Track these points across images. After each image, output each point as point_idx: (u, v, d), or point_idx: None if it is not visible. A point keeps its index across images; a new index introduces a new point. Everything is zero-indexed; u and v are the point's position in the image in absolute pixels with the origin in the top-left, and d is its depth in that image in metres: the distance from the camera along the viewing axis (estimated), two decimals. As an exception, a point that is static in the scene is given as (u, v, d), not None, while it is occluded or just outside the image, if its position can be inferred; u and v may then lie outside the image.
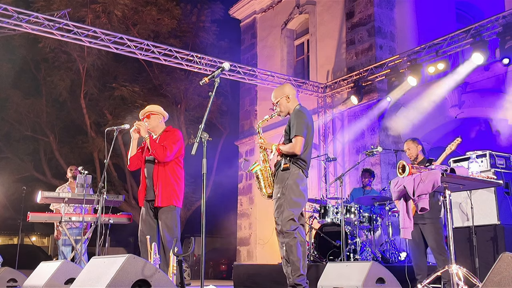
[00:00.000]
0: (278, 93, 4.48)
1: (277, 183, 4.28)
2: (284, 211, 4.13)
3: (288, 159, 4.23)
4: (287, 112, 4.46)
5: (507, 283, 3.09)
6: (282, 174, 4.23)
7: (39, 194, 6.26)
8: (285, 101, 4.43)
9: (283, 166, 4.22)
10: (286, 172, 4.21)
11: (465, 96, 9.57)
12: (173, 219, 4.78)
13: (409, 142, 5.73)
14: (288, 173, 4.20)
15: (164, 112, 5.13)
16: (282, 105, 4.44)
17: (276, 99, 4.47)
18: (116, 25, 15.01)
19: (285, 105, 4.43)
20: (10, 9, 7.97)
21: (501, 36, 7.89)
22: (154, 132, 5.02)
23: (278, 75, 11.16)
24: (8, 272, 6.23)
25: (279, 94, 4.46)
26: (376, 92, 10.48)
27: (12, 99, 16.65)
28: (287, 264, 4.14)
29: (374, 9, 10.81)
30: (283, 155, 4.27)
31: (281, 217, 4.14)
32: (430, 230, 5.29)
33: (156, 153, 4.78)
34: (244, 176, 14.34)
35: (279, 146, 4.29)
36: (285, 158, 4.24)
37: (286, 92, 4.44)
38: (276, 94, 4.49)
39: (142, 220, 4.87)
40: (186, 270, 15.08)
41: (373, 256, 7.12)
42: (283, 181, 4.20)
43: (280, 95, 4.44)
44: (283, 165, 4.22)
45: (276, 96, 4.47)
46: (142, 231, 4.81)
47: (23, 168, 17.63)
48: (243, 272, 8.14)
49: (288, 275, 4.13)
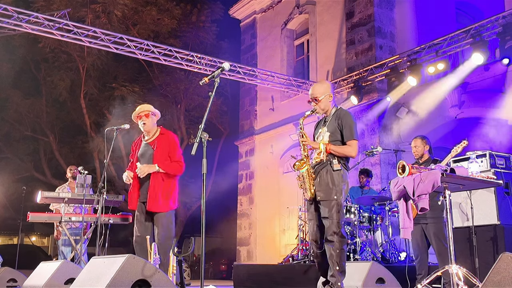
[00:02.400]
0: (322, 89, 4.32)
1: (327, 183, 4.11)
2: (339, 212, 4.04)
3: (338, 160, 4.13)
4: (326, 110, 4.33)
5: (507, 283, 3.09)
6: (335, 174, 4.10)
7: (39, 194, 6.25)
8: (327, 100, 4.30)
9: (335, 167, 4.10)
10: (338, 174, 4.11)
11: (465, 96, 9.57)
12: (168, 219, 4.78)
13: (418, 139, 5.67)
14: (341, 175, 4.11)
15: (156, 110, 5.10)
16: (323, 102, 4.29)
17: (319, 95, 4.29)
18: (116, 25, 15.02)
19: (326, 103, 4.30)
20: (10, 9, 7.97)
21: (501, 36, 7.89)
22: (149, 132, 4.99)
23: (278, 75, 11.16)
24: (8, 272, 6.24)
25: (323, 91, 4.30)
26: (376, 92, 10.48)
27: (12, 99, 16.67)
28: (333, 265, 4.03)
29: (374, 9, 10.81)
30: (330, 155, 4.14)
31: (336, 219, 4.03)
32: (432, 230, 5.30)
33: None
34: (244, 176, 14.34)
35: (331, 147, 4.14)
36: (334, 158, 4.13)
37: (329, 91, 4.32)
38: (320, 90, 4.32)
39: (137, 221, 4.86)
40: (186, 270, 15.08)
41: (373, 256, 7.12)
42: (337, 183, 4.08)
43: (324, 93, 4.29)
44: (335, 165, 4.11)
45: (320, 93, 4.30)
46: (138, 232, 4.81)
47: (23, 168, 17.63)
48: (243, 272, 8.13)
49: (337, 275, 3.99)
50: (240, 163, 14.55)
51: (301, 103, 12.18)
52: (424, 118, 10.15)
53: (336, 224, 4.02)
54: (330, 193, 4.08)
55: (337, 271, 3.98)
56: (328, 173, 4.12)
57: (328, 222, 4.06)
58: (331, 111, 4.33)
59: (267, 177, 13.41)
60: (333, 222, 4.03)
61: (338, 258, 3.99)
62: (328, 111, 4.34)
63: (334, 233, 4.01)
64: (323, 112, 4.35)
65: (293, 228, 11.93)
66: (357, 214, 7.38)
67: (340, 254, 4.00)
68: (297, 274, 6.78)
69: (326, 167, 4.15)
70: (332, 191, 4.08)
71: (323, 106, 4.31)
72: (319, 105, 4.30)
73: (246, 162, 14.26)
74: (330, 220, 4.04)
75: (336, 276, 3.99)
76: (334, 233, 4.01)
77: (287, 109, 12.86)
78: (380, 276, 4.82)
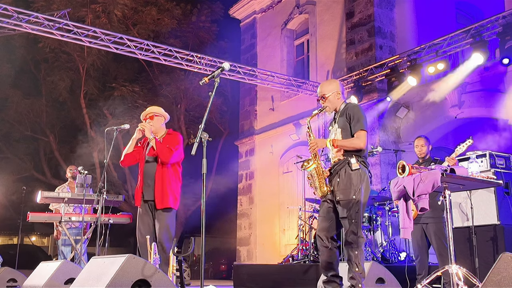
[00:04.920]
0: (329, 87, 4.27)
1: (345, 183, 4.01)
2: (358, 212, 3.96)
3: (356, 159, 4.03)
4: (333, 108, 4.28)
5: (507, 283, 3.09)
6: (353, 174, 4.00)
7: (39, 194, 6.26)
8: (335, 97, 4.23)
9: (353, 167, 4.00)
10: (356, 173, 4.01)
11: (465, 96, 9.57)
12: (169, 220, 4.79)
13: (421, 139, 5.65)
14: (359, 175, 4.01)
15: (165, 113, 5.16)
16: (331, 101, 4.23)
17: (326, 93, 4.24)
18: (116, 25, 15.03)
19: (334, 101, 4.23)
20: (10, 9, 7.97)
21: (501, 36, 7.88)
22: (156, 133, 5.03)
23: (278, 75, 11.16)
24: (8, 272, 6.24)
25: (330, 89, 4.25)
26: (376, 92, 10.48)
27: (12, 99, 16.67)
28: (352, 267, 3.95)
29: (374, 9, 10.81)
30: (347, 153, 4.06)
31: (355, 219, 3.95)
32: (433, 230, 5.30)
33: (162, 154, 4.81)
34: (244, 176, 14.35)
35: (337, 142, 4.08)
36: (352, 157, 4.03)
37: (337, 89, 4.25)
38: (327, 88, 4.27)
39: (140, 221, 4.86)
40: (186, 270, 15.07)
41: (373, 256, 7.12)
42: (355, 183, 3.99)
43: (331, 90, 4.24)
44: (353, 165, 4.01)
45: (327, 91, 4.25)
46: (141, 232, 4.81)
47: (23, 168, 17.63)
48: (243, 272, 8.13)
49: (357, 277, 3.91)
50: (240, 163, 14.55)
51: (301, 103, 12.21)
52: (424, 118, 10.15)
53: (355, 224, 3.94)
54: (348, 193, 3.98)
55: (357, 272, 3.90)
56: (346, 173, 4.04)
57: (347, 222, 3.98)
58: (340, 108, 4.27)
59: (267, 177, 13.41)
60: (352, 223, 3.94)
61: (358, 259, 3.91)
62: (337, 108, 4.28)
63: (353, 233, 3.94)
64: (332, 110, 4.30)
65: (293, 228, 11.94)
66: (357, 214, 7.37)
67: (359, 255, 3.92)
68: (297, 274, 6.77)
69: (344, 167, 4.06)
70: (350, 191, 3.98)
71: (331, 105, 4.26)
72: (327, 103, 4.25)
73: (246, 162, 14.27)
74: (349, 221, 3.96)
75: (356, 278, 3.90)
76: (353, 233, 3.94)
77: (287, 109, 12.87)
78: (380, 276, 4.83)
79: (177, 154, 4.90)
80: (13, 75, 16.40)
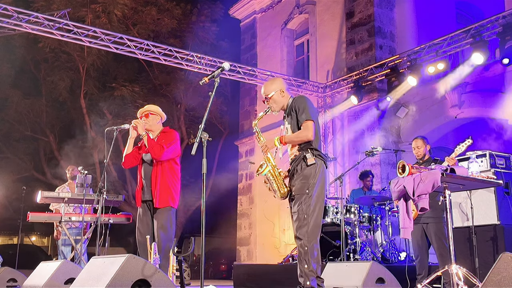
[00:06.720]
0: (272, 87, 4.13)
1: (300, 178, 3.90)
2: (309, 206, 3.82)
3: (311, 153, 3.91)
4: (280, 107, 4.17)
5: (507, 283, 3.09)
6: (308, 170, 3.88)
7: (39, 194, 6.26)
8: (279, 96, 4.11)
9: (309, 162, 3.88)
10: (312, 168, 3.88)
11: (465, 96, 9.57)
12: (168, 219, 4.78)
13: (419, 140, 5.64)
14: (314, 169, 3.88)
15: (162, 113, 5.11)
16: (275, 100, 4.12)
17: (269, 93, 4.11)
18: (116, 25, 15.02)
19: (279, 99, 4.12)
20: (10, 9, 7.97)
21: (501, 36, 7.89)
22: (151, 132, 5.00)
23: (278, 75, 11.15)
24: (8, 272, 6.23)
25: (272, 88, 4.12)
26: (376, 92, 10.48)
27: (12, 99, 16.65)
28: (301, 263, 3.82)
29: (374, 9, 10.82)
30: (301, 148, 3.97)
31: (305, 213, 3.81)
32: (433, 230, 5.30)
33: (152, 151, 4.76)
34: (244, 176, 14.35)
35: (284, 139, 3.99)
36: (307, 152, 3.92)
37: (280, 86, 4.13)
38: (269, 88, 4.14)
39: (139, 221, 4.85)
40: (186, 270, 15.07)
41: (373, 256, 7.12)
42: (309, 177, 3.87)
43: (274, 89, 4.11)
44: (309, 160, 3.88)
45: (270, 90, 4.12)
46: (140, 232, 4.81)
47: (23, 168, 17.63)
48: (243, 272, 8.14)
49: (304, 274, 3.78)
50: (240, 163, 14.55)
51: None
52: (424, 118, 10.15)
53: (307, 219, 3.78)
54: (302, 188, 3.88)
55: (306, 269, 3.74)
56: (302, 168, 3.93)
57: (295, 217, 3.86)
58: (288, 104, 4.13)
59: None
60: (303, 218, 3.79)
61: (307, 256, 3.74)
62: (285, 106, 4.16)
63: (301, 228, 3.78)
64: (279, 109, 4.18)
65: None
66: (357, 214, 7.39)
67: (309, 252, 3.74)
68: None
69: (300, 163, 3.95)
70: (304, 186, 3.87)
71: (276, 104, 4.14)
72: (272, 103, 4.14)
73: (246, 162, 14.26)
74: (299, 215, 3.82)
75: (304, 276, 3.75)
76: (301, 228, 3.78)
77: (287, 109, 12.86)
78: (380, 276, 4.82)
79: (171, 151, 4.82)
80: (13, 75, 16.39)
